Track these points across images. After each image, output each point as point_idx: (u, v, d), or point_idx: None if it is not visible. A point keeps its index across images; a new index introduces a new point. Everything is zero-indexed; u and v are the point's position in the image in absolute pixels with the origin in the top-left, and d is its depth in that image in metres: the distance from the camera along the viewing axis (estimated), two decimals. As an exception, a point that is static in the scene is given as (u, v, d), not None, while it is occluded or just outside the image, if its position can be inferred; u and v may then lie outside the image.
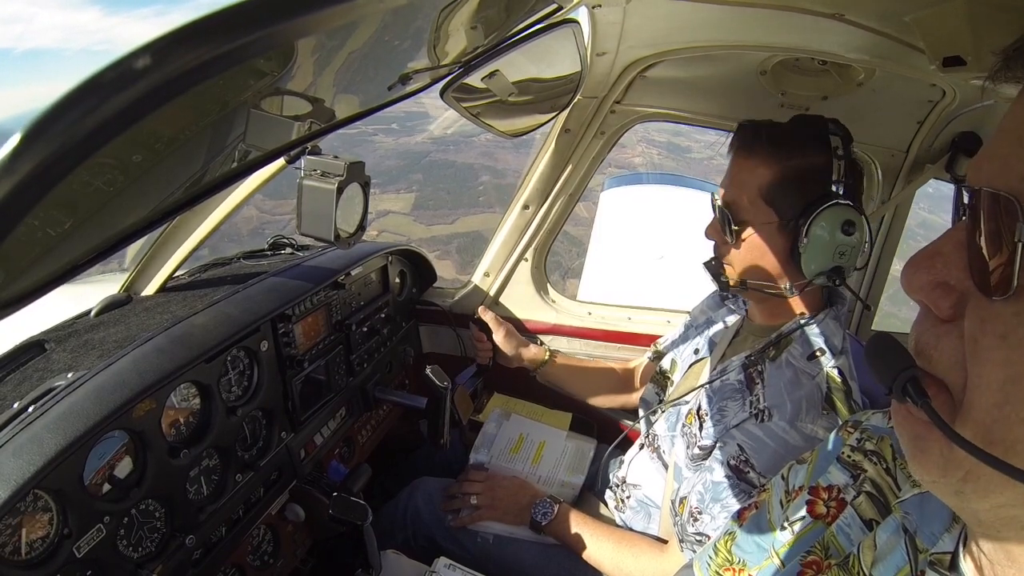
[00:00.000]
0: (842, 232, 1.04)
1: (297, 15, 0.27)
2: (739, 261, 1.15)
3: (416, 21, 0.53)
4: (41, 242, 0.29)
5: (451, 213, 33.17)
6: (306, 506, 1.28)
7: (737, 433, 1.07)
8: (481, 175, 37.73)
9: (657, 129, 31.19)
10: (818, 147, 1.07)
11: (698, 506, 1.07)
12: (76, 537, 0.82)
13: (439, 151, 41.13)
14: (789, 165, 1.07)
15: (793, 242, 1.07)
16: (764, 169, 1.08)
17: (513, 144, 35.40)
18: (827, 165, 1.05)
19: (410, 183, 37.11)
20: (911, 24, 0.79)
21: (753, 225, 1.11)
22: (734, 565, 0.77)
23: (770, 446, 1.03)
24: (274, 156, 0.56)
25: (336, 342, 1.41)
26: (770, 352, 1.14)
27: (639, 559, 1.22)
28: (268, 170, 1.19)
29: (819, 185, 1.05)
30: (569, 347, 1.87)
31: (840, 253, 1.05)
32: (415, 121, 46.17)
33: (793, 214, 1.07)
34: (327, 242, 0.99)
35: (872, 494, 0.64)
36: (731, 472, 1.05)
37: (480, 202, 34.01)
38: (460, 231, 27.61)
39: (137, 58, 0.22)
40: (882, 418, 0.71)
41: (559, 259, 4.15)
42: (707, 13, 1.19)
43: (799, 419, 1.03)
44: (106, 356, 0.97)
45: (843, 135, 1.09)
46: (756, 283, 1.14)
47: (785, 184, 1.07)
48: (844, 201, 1.04)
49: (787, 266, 1.10)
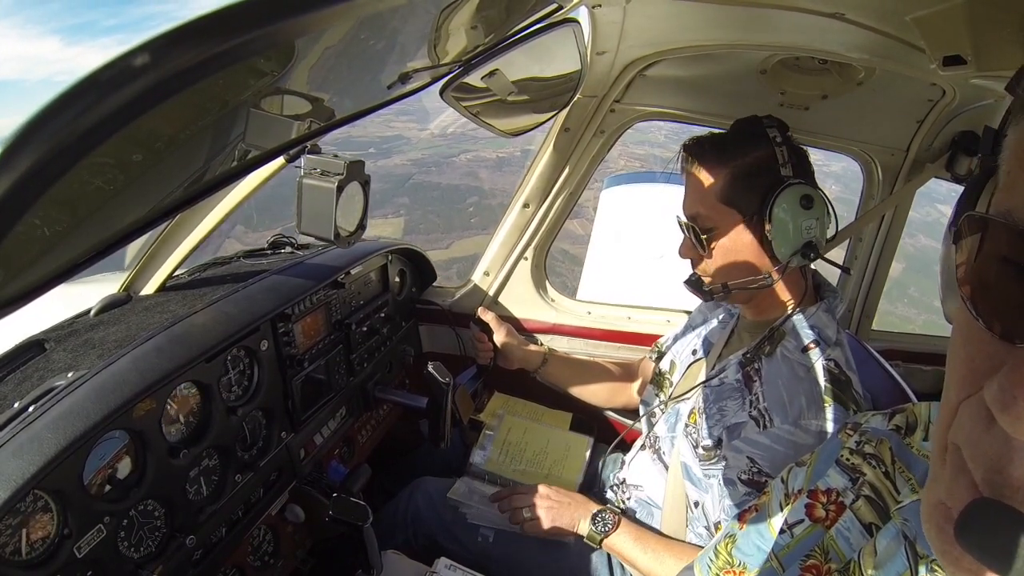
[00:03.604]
0: (802, 207, 1.09)
1: (296, 14, 0.27)
2: (717, 268, 1.19)
3: (416, 20, 0.53)
4: (41, 240, 0.29)
5: (444, 237, 32.81)
6: (306, 506, 1.28)
7: (743, 445, 1.08)
8: (468, 196, 37.58)
9: (636, 142, 31.03)
10: (759, 142, 1.13)
11: (730, 530, 1.08)
12: (76, 537, 0.82)
13: (421, 173, 40.97)
14: (736, 164, 1.12)
15: (761, 233, 1.12)
16: (715, 175, 1.13)
17: (496, 163, 34.84)
18: (771, 155, 1.11)
19: (397, 207, 36.77)
20: (911, 23, 0.79)
21: (719, 229, 1.15)
22: (734, 568, 0.77)
23: (780, 451, 1.04)
24: (274, 155, 0.56)
25: (336, 341, 1.41)
26: (765, 348, 1.14)
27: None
28: (268, 169, 1.18)
29: (769, 174, 1.11)
30: (569, 347, 1.87)
31: (806, 228, 1.10)
32: (391, 144, 45.99)
33: (753, 207, 1.12)
34: (327, 241, 0.98)
35: (871, 498, 0.64)
36: (749, 488, 1.06)
37: (473, 224, 33.75)
38: (457, 255, 27.11)
39: (135, 56, 0.22)
40: (882, 420, 0.71)
41: (564, 280, 4.10)
42: (707, 12, 1.19)
43: (803, 418, 1.03)
44: (106, 356, 0.97)
45: (778, 125, 1.15)
46: (738, 283, 1.17)
47: (737, 182, 1.12)
48: (795, 180, 1.09)
49: (762, 257, 1.14)
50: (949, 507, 0.35)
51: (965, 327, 0.36)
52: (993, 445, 0.33)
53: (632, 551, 1.23)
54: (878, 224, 1.80)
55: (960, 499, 0.34)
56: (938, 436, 0.38)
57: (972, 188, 0.40)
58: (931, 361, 1.91)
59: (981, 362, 0.34)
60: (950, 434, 0.36)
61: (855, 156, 1.76)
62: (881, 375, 1.35)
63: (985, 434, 0.33)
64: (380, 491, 1.61)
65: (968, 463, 0.34)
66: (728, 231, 1.14)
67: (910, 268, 22.29)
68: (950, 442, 0.36)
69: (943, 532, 0.36)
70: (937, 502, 0.37)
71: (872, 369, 1.35)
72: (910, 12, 0.78)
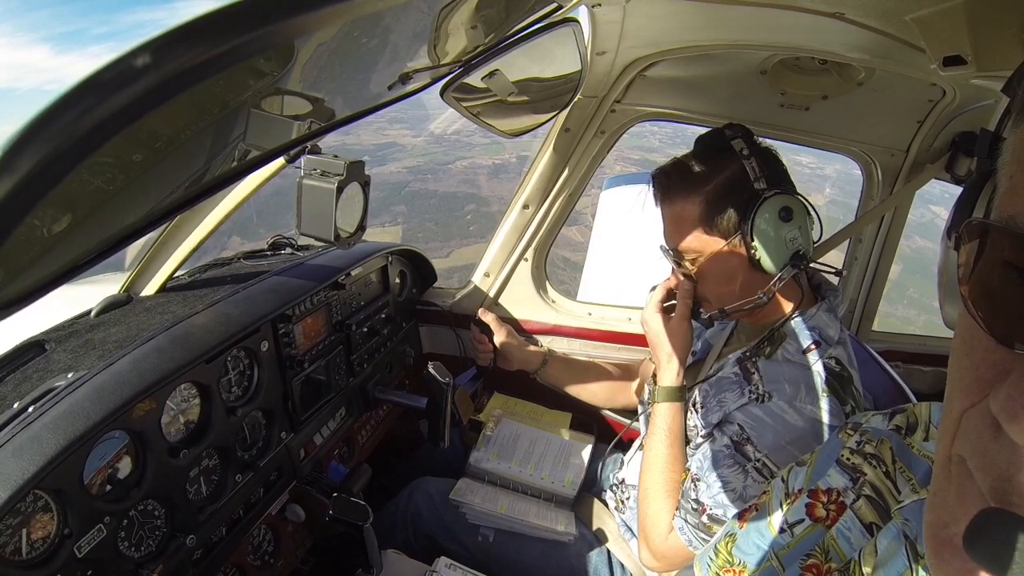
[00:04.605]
0: (782, 220, 1.07)
1: (297, 14, 0.27)
2: (710, 294, 1.19)
3: (416, 20, 0.53)
4: (41, 242, 0.29)
5: (444, 246, 32.74)
6: (306, 506, 1.28)
7: (738, 414, 1.09)
8: (466, 203, 37.45)
9: (631, 147, 30.94)
10: (726, 159, 1.11)
11: (697, 473, 1.10)
12: (77, 537, 0.82)
13: (417, 181, 40.86)
14: (708, 190, 1.11)
15: (747, 252, 1.11)
16: (690, 205, 1.12)
17: (492, 169, 34.82)
18: (741, 171, 1.09)
19: (394, 215, 36.69)
20: (911, 23, 0.79)
21: (705, 257, 1.14)
22: (735, 567, 0.77)
23: (769, 424, 1.05)
24: (274, 155, 0.56)
25: (336, 342, 1.41)
26: (765, 349, 1.14)
27: (663, 491, 1.17)
28: (268, 169, 1.18)
29: (743, 191, 1.09)
30: (569, 347, 1.87)
31: (790, 240, 1.09)
32: (384, 151, 45.85)
33: (733, 229, 1.10)
34: (327, 242, 0.98)
35: (872, 498, 0.64)
36: (730, 443, 1.08)
37: (471, 232, 33.67)
38: (458, 264, 26.99)
39: (136, 57, 0.22)
40: (882, 420, 0.71)
41: (567, 287, 4.10)
42: (707, 13, 1.19)
43: (798, 399, 1.04)
44: (106, 356, 0.97)
45: (743, 134, 1.12)
46: (734, 307, 1.16)
47: (713, 207, 1.10)
48: (770, 193, 1.07)
49: (753, 275, 1.13)
50: (952, 532, 0.35)
51: (968, 334, 0.35)
52: (1001, 454, 0.32)
53: (664, 433, 1.19)
54: (878, 225, 1.80)
55: (967, 511, 0.34)
56: (941, 449, 0.37)
57: (970, 192, 0.39)
58: (931, 362, 1.91)
59: (986, 370, 0.34)
60: (955, 446, 0.36)
61: (855, 156, 1.76)
62: (881, 376, 1.35)
63: (992, 443, 0.33)
64: (380, 491, 1.61)
65: (975, 473, 0.34)
66: (714, 258, 1.13)
67: (907, 270, 22.31)
68: (954, 454, 0.36)
69: (943, 553, 0.35)
70: (938, 523, 0.36)
71: (872, 370, 1.35)
72: (910, 12, 0.77)
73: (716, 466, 1.07)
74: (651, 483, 1.18)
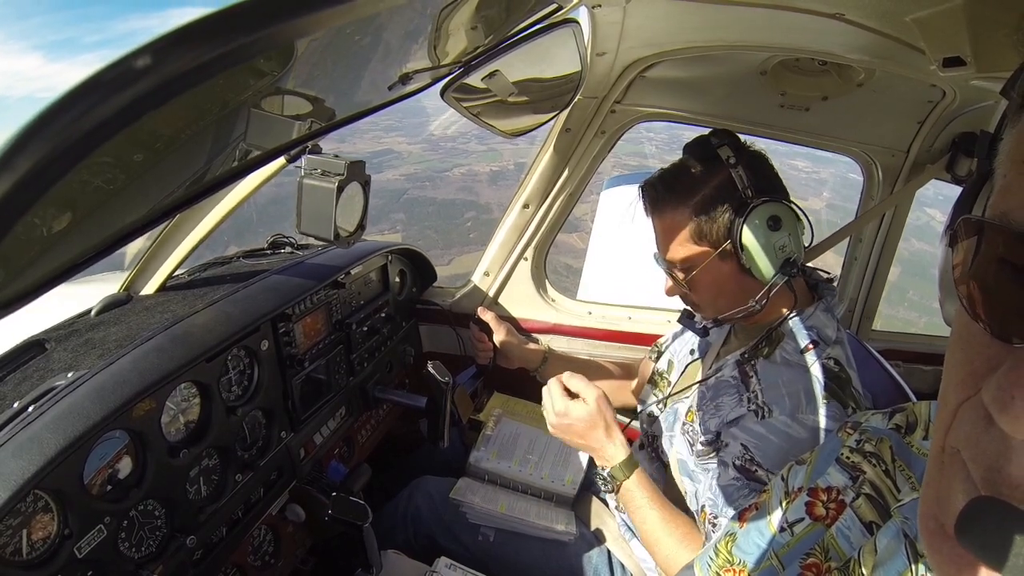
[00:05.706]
0: (770, 229, 1.07)
1: (297, 15, 0.27)
2: (704, 302, 1.20)
3: (416, 21, 0.53)
4: (41, 241, 0.29)
5: (444, 254, 32.74)
6: (306, 506, 1.28)
7: (739, 432, 1.07)
8: (466, 211, 37.42)
9: (627, 153, 30.95)
10: (713, 168, 1.10)
11: (712, 511, 1.08)
12: (77, 537, 0.82)
13: (415, 188, 40.82)
14: (696, 200, 1.11)
15: (738, 261, 1.11)
16: (679, 216, 1.12)
17: (490, 176, 34.91)
18: (728, 179, 1.09)
19: (393, 223, 36.66)
20: (911, 24, 0.79)
21: (697, 267, 1.14)
22: (735, 566, 0.77)
23: (774, 442, 1.03)
24: (275, 155, 0.56)
25: (336, 341, 1.41)
26: (763, 349, 1.14)
27: (681, 546, 1.11)
28: (268, 169, 1.19)
29: (731, 200, 1.09)
30: (569, 347, 1.87)
31: (780, 248, 1.08)
32: (381, 158, 45.78)
33: (722, 239, 1.10)
34: (327, 241, 0.98)
35: (871, 496, 0.64)
36: (739, 473, 1.05)
37: (472, 240, 33.65)
38: (459, 272, 26.86)
39: (137, 58, 0.22)
40: (881, 419, 0.71)
41: (571, 294, 4.11)
42: (707, 13, 1.19)
43: (800, 411, 1.03)
44: (106, 356, 0.97)
45: (729, 141, 1.11)
46: (728, 315, 1.17)
47: (702, 217, 1.10)
48: (758, 201, 1.07)
49: (745, 283, 1.13)
50: (942, 522, 0.36)
51: (963, 329, 0.36)
52: (992, 444, 0.33)
53: (646, 501, 1.14)
54: (878, 225, 1.80)
55: (957, 500, 0.34)
56: (935, 441, 0.38)
57: (968, 192, 0.40)
58: (931, 361, 1.92)
59: (980, 364, 0.34)
60: (949, 437, 0.36)
61: (855, 157, 1.76)
62: (881, 375, 1.35)
63: (984, 434, 0.33)
64: (380, 491, 1.61)
65: (968, 464, 0.35)
66: (707, 268, 1.13)
67: (907, 272, 22.32)
68: (948, 445, 0.36)
69: (934, 542, 0.36)
70: (931, 512, 0.37)
71: (872, 369, 1.35)
72: (910, 13, 0.78)
73: (731, 502, 1.04)
74: (666, 550, 1.11)
